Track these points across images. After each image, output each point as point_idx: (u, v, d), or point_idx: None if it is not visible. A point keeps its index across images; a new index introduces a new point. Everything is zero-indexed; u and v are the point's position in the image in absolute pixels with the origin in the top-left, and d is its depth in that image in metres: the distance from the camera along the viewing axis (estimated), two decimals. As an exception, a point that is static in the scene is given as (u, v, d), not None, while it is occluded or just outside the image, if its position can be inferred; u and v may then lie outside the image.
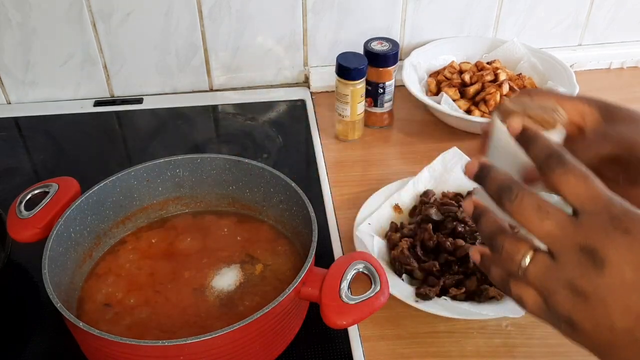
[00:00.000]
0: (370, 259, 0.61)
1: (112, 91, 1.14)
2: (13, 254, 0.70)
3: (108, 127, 1.08)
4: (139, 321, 0.63)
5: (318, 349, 0.65)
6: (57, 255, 0.63)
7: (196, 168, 0.76)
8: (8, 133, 1.06)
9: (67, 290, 0.65)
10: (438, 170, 0.86)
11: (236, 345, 0.55)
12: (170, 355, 0.53)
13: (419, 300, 0.67)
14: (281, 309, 0.57)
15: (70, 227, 0.66)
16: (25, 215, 0.66)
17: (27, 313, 0.71)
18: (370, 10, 1.06)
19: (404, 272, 0.71)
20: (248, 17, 1.07)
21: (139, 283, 0.68)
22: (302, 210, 0.67)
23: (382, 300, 0.57)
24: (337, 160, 0.97)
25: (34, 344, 0.67)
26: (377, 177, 0.92)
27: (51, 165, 0.97)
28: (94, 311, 0.65)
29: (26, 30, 1.03)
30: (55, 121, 1.08)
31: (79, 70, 1.10)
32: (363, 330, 0.67)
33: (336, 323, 0.56)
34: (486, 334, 0.67)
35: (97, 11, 1.03)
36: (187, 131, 1.05)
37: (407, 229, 0.77)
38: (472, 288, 0.69)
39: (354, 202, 0.85)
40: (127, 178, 0.73)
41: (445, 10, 1.10)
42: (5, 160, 0.99)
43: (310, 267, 0.59)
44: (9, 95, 1.12)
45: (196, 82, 1.14)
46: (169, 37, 1.08)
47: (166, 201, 0.77)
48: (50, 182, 0.70)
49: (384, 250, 0.76)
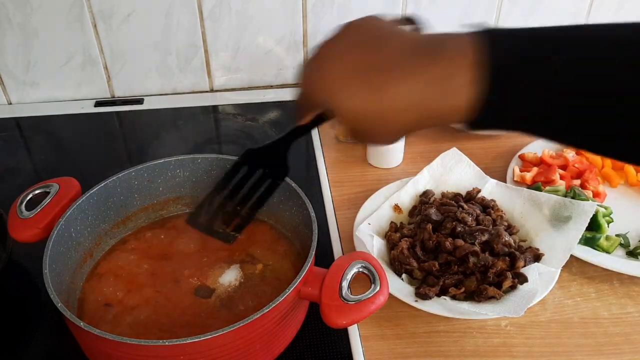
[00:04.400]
0: (370, 258, 0.61)
1: (113, 92, 1.14)
2: (14, 254, 0.70)
3: (109, 127, 1.09)
4: (139, 321, 0.64)
5: (318, 349, 0.65)
6: (58, 255, 0.63)
7: (196, 168, 0.76)
8: (9, 133, 1.06)
9: (68, 290, 0.65)
10: (438, 171, 0.86)
11: (236, 345, 0.55)
12: (170, 355, 0.53)
13: (418, 300, 0.68)
14: (281, 309, 0.57)
15: (71, 227, 0.67)
16: (26, 216, 0.66)
17: (27, 313, 0.71)
18: (371, 11, 1.06)
19: (404, 272, 0.72)
20: (248, 17, 1.07)
21: (140, 283, 0.68)
22: (302, 210, 0.67)
23: (381, 300, 0.57)
24: (337, 160, 0.97)
25: (34, 343, 0.67)
26: (377, 177, 0.93)
27: (52, 166, 0.97)
28: (95, 311, 0.65)
29: (27, 31, 1.04)
30: (56, 121, 1.08)
31: (80, 70, 1.10)
32: (363, 330, 0.68)
33: (336, 323, 0.56)
34: (485, 334, 0.67)
35: (97, 12, 1.03)
36: (187, 131, 1.05)
37: (407, 229, 0.77)
38: (472, 288, 0.69)
39: (354, 202, 0.86)
40: (128, 178, 0.73)
41: (445, 11, 1.10)
42: (6, 160, 0.99)
43: (310, 267, 0.59)
44: (9, 96, 1.12)
45: (196, 83, 1.15)
46: (169, 38, 1.08)
47: (167, 201, 0.78)
48: (51, 182, 0.70)
49: (384, 250, 0.76)
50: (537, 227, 0.77)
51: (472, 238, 0.72)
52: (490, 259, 0.70)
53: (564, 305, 0.71)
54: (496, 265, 0.69)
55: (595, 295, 0.72)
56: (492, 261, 0.70)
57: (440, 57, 0.40)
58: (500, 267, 0.70)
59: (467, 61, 0.39)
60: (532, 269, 0.70)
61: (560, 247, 0.73)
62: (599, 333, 0.67)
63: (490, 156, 0.97)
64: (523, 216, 0.79)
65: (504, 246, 0.72)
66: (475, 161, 0.87)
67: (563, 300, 0.72)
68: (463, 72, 0.39)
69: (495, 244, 0.72)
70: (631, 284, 0.74)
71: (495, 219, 0.77)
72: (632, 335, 0.67)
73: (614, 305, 0.71)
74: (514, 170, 0.90)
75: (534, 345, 0.66)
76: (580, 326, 0.68)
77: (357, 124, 0.44)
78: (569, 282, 0.74)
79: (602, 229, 0.77)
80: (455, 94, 0.40)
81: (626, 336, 0.67)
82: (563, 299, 0.72)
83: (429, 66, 0.40)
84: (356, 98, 0.42)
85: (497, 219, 0.77)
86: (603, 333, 0.67)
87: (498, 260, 0.70)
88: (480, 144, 0.99)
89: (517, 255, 0.70)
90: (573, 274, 0.75)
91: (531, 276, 0.69)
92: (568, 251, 0.72)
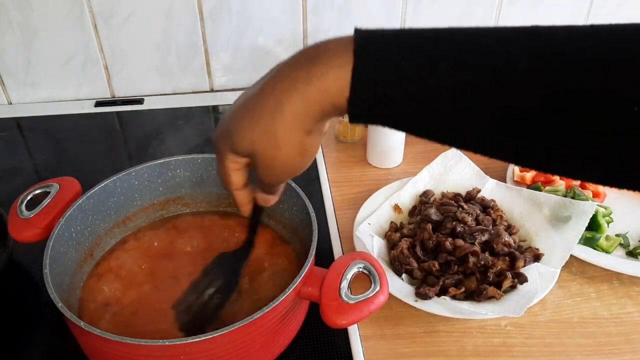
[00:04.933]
0: (370, 258, 0.61)
1: (113, 92, 1.14)
2: (14, 253, 0.70)
3: (109, 127, 1.09)
4: (139, 321, 0.64)
5: (318, 349, 0.65)
6: (58, 255, 0.63)
7: (196, 168, 0.76)
8: (9, 133, 1.06)
9: (68, 290, 0.65)
10: (437, 171, 0.86)
11: (236, 345, 0.55)
12: (170, 354, 0.53)
13: (418, 300, 0.68)
14: (281, 309, 0.57)
15: (71, 227, 0.67)
16: (26, 215, 0.66)
17: (28, 313, 0.71)
18: (371, 11, 1.07)
19: (404, 272, 0.72)
20: (248, 18, 1.07)
21: (140, 283, 0.68)
22: (302, 210, 0.68)
23: (381, 300, 0.57)
24: (337, 160, 0.97)
25: (34, 343, 0.67)
26: (377, 177, 0.93)
27: (52, 166, 0.97)
28: (95, 311, 0.65)
29: (27, 31, 1.04)
30: (56, 121, 1.08)
31: (80, 70, 1.10)
32: (363, 330, 0.68)
33: (336, 323, 0.56)
34: (485, 334, 0.67)
35: (98, 12, 1.03)
36: (187, 131, 1.05)
37: (407, 229, 0.77)
38: (472, 288, 0.69)
39: (354, 202, 0.86)
40: (128, 178, 0.73)
41: (444, 12, 1.10)
42: (6, 160, 0.99)
43: (310, 267, 0.59)
44: (10, 96, 1.12)
45: (197, 83, 1.15)
46: (169, 38, 1.08)
47: (167, 201, 0.78)
48: (51, 182, 0.70)
49: (384, 250, 0.76)
50: (537, 227, 0.77)
51: (472, 238, 0.72)
52: (490, 259, 0.70)
53: (564, 305, 0.71)
54: (496, 265, 0.69)
55: (595, 295, 0.72)
56: (492, 261, 0.70)
57: (306, 50, 0.41)
58: (500, 267, 0.70)
59: (334, 43, 0.40)
60: (532, 269, 0.70)
61: (560, 247, 0.73)
62: (598, 333, 0.67)
63: (490, 156, 0.97)
64: (523, 216, 0.79)
65: (504, 246, 0.72)
66: (475, 161, 0.87)
67: (563, 300, 0.72)
68: (329, 49, 0.40)
69: (495, 244, 0.72)
70: (631, 284, 0.74)
71: (495, 219, 0.77)
72: (632, 335, 0.67)
73: (613, 305, 0.71)
74: (514, 170, 0.90)
75: (533, 345, 0.66)
76: (580, 326, 0.68)
77: (251, 138, 0.44)
78: (569, 282, 0.74)
79: (601, 229, 0.77)
80: (322, 66, 0.40)
81: (626, 336, 0.67)
82: (563, 299, 0.72)
83: (296, 57, 0.41)
84: (240, 112, 0.44)
85: (497, 219, 0.77)
86: (603, 333, 0.67)
87: (498, 260, 0.70)
88: (480, 144, 0.99)
89: (517, 255, 0.70)
90: (573, 274, 0.75)
91: (531, 276, 0.69)
92: (568, 251, 0.72)
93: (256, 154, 0.44)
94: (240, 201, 0.53)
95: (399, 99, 0.39)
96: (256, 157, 0.45)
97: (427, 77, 0.37)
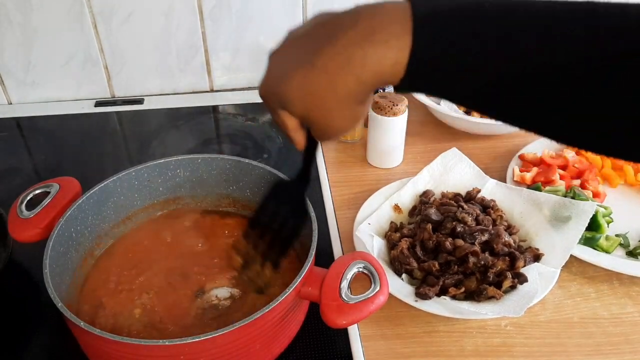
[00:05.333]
0: (370, 258, 0.61)
1: (113, 91, 1.14)
2: (14, 253, 0.70)
3: (109, 127, 1.09)
4: (139, 321, 0.64)
5: (318, 349, 0.65)
6: (58, 255, 0.63)
7: (196, 168, 0.76)
8: (9, 133, 1.06)
9: (68, 290, 0.65)
10: (437, 171, 0.86)
11: (236, 345, 0.55)
12: (170, 355, 0.53)
13: (418, 300, 0.68)
14: (281, 309, 0.57)
15: (71, 227, 0.67)
16: (26, 215, 0.66)
17: (28, 313, 0.71)
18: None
19: (404, 272, 0.72)
20: (248, 17, 1.07)
21: (139, 283, 0.68)
22: (302, 210, 0.67)
23: (381, 300, 0.57)
24: (337, 160, 0.97)
25: (34, 343, 0.67)
26: (377, 177, 0.93)
27: (52, 165, 0.98)
28: (95, 311, 0.65)
29: (27, 30, 1.04)
30: (56, 121, 1.08)
31: (80, 70, 1.10)
32: (363, 330, 0.68)
33: (336, 323, 0.56)
34: (485, 334, 0.67)
35: (98, 12, 1.03)
36: (187, 131, 1.05)
37: (407, 229, 0.77)
38: (472, 288, 0.69)
39: (354, 202, 0.86)
40: (128, 178, 0.73)
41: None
42: (6, 160, 0.99)
43: (310, 267, 0.59)
44: (10, 96, 1.12)
45: (197, 83, 1.15)
46: (169, 38, 1.08)
47: (167, 201, 0.78)
48: (51, 182, 0.70)
49: (384, 250, 0.76)
50: (537, 227, 0.77)
51: (472, 238, 0.72)
52: (490, 259, 0.70)
53: (564, 305, 0.71)
54: (496, 265, 0.69)
55: (595, 295, 0.72)
56: (492, 261, 0.70)
57: (363, 17, 0.41)
58: (500, 267, 0.70)
59: (391, 16, 0.40)
60: (532, 269, 0.70)
61: (560, 247, 0.73)
62: (598, 333, 0.67)
63: (490, 156, 0.97)
64: (523, 216, 0.79)
65: (504, 246, 0.72)
66: (475, 161, 0.87)
67: (563, 300, 0.72)
68: (386, 25, 0.40)
69: (495, 244, 0.72)
70: (631, 284, 0.74)
71: (495, 219, 0.77)
72: (632, 335, 0.67)
73: (613, 305, 0.71)
74: (514, 170, 0.90)
75: (533, 345, 0.66)
76: (579, 326, 0.68)
77: (304, 107, 0.45)
78: (569, 282, 0.74)
79: (601, 229, 0.77)
80: (379, 47, 0.40)
81: (625, 336, 0.67)
82: (563, 299, 0.72)
83: (352, 27, 0.42)
84: (293, 80, 0.44)
85: (497, 219, 0.77)
86: (602, 333, 0.67)
87: (498, 260, 0.70)
88: (480, 144, 1.00)
89: (517, 255, 0.70)
90: (573, 274, 0.75)
91: (531, 276, 0.69)
92: (568, 251, 0.72)
93: (309, 120, 0.47)
94: (296, 140, 0.53)
95: (455, 74, 0.40)
96: (309, 122, 0.47)
97: (486, 55, 0.38)
